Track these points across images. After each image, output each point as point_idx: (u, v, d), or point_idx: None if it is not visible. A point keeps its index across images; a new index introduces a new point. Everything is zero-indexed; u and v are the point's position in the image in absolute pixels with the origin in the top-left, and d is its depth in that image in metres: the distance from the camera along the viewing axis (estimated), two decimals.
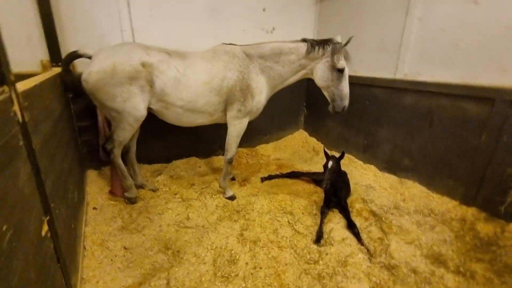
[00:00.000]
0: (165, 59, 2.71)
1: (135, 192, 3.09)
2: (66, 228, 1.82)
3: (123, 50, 2.62)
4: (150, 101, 2.75)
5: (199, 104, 2.88)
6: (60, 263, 1.53)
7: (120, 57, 2.54)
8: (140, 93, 2.62)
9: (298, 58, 3.00)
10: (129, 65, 2.52)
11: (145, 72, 2.58)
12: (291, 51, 2.98)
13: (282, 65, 3.02)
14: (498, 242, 2.44)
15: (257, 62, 3.00)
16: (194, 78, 2.79)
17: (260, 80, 3.02)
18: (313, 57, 2.98)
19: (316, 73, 3.03)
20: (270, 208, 3.02)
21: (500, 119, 2.57)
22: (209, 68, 2.86)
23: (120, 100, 2.57)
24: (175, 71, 2.72)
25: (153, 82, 2.65)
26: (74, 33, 3.16)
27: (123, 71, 2.50)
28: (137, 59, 2.57)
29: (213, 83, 2.85)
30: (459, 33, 2.86)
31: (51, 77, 2.27)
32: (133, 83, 2.55)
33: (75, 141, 3.05)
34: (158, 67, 2.65)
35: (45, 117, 1.76)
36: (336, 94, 3.04)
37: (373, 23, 3.83)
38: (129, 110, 2.62)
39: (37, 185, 1.34)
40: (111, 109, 2.62)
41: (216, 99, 2.92)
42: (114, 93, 2.53)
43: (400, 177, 3.62)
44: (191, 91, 2.79)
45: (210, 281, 2.09)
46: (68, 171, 2.23)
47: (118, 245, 2.39)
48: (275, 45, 3.02)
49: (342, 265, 2.24)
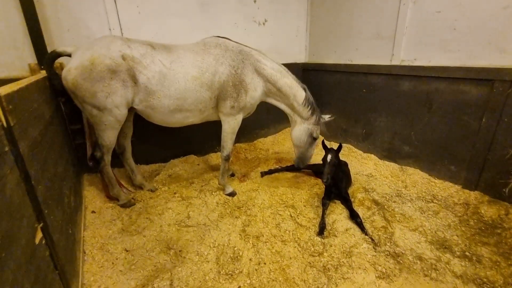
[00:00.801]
0: (148, 53, 2.54)
1: (126, 197, 3.00)
2: (63, 233, 1.77)
3: (102, 42, 2.43)
4: (134, 100, 2.57)
5: (189, 101, 2.73)
6: (58, 270, 1.49)
7: (99, 49, 2.36)
8: (122, 88, 2.44)
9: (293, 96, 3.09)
10: (108, 57, 2.35)
11: (126, 66, 2.41)
12: (291, 85, 3.06)
13: (279, 81, 3.02)
14: (503, 225, 2.42)
15: (254, 61, 2.90)
16: (183, 72, 2.63)
17: (255, 77, 2.93)
18: (301, 111, 3.15)
19: (294, 131, 3.29)
20: (272, 202, 2.99)
21: (500, 100, 2.54)
22: (198, 61, 2.71)
23: (101, 96, 2.38)
24: (160, 65, 2.55)
25: (136, 79, 2.47)
26: (61, 34, 3.07)
27: (102, 64, 2.32)
28: (117, 51, 2.40)
29: (203, 78, 2.70)
30: (455, 15, 2.80)
31: (39, 80, 2.19)
32: (114, 77, 2.38)
33: (69, 144, 2.98)
34: (141, 61, 2.48)
35: (33, 120, 1.70)
36: (304, 154, 3.38)
37: (367, 9, 3.76)
38: (111, 106, 2.45)
39: (27, 191, 1.29)
40: (92, 106, 2.43)
41: (207, 94, 2.77)
42: (94, 89, 2.35)
43: (400, 164, 3.59)
44: (180, 86, 2.63)
45: (214, 279, 2.06)
46: (62, 176, 2.17)
47: (119, 248, 2.35)
48: (277, 66, 3.05)
49: (347, 256, 2.21)
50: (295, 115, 3.24)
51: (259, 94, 3.02)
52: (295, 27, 4.84)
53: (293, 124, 3.31)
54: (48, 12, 2.96)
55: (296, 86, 3.08)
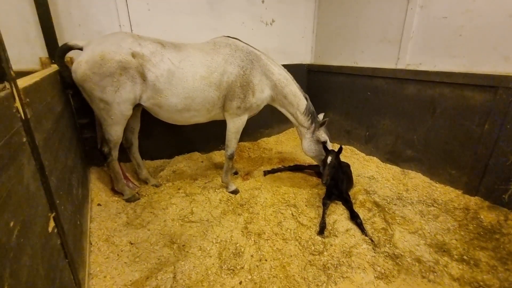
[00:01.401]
0: (158, 51, 2.56)
1: (130, 192, 3.05)
2: (72, 224, 1.83)
3: (113, 39, 2.48)
4: (141, 97, 2.61)
5: (197, 100, 2.74)
6: (68, 259, 1.54)
7: (110, 46, 2.41)
8: (131, 84, 2.48)
9: (296, 105, 3.13)
10: (118, 54, 2.39)
11: (135, 63, 2.45)
12: (295, 93, 3.08)
13: (284, 88, 3.06)
14: (502, 230, 2.45)
15: (263, 63, 2.93)
16: (192, 71, 2.65)
17: (263, 80, 2.96)
18: (303, 120, 3.20)
19: (304, 144, 3.34)
20: (274, 201, 3.03)
21: (503, 107, 2.56)
22: (208, 61, 2.72)
23: (110, 90, 2.43)
24: (169, 64, 2.57)
25: (145, 76, 2.51)
26: (72, 29, 3.12)
27: (112, 60, 2.37)
28: (127, 49, 2.44)
29: (212, 77, 2.72)
30: (462, 21, 2.83)
31: (51, 73, 2.25)
32: (123, 73, 2.42)
33: (77, 138, 3.04)
34: (150, 59, 2.51)
35: (46, 113, 1.75)
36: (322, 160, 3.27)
37: (374, 13, 3.78)
38: (119, 101, 2.49)
39: (42, 182, 1.34)
40: (100, 100, 2.48)
41: (215, 94, 2.79)
42: (103, 83, 2.40)
43: (402, 167, 3.62)
44: (188, 85, 2.65)
45: (216, 273, 2.11)
46: (71, 168, 2.23)
47: (123, 241, 2.41)
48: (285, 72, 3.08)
49: (347, 255, 2.25)
50: (299, 126, 3.29)
51: (265, 96, 3.05)
52: (302, 28, 4.87)
53: (301, 137, 3.37)
54: (60, 7, 3.01)
55: (300, 94, 3.12)
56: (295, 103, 3.12)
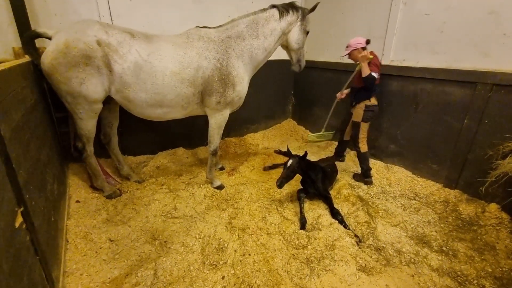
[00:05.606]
0: (126, 41, 2.39)
1: (111, 188, 2.96)
2: (45, 220, 1.74)
3: (80, 26, 2.33)
4: (110, 89, 2.46)
5: (168, 97, 2.58)
6: (39, 256, 1.47)
7: (74, 33, 2.26)
8: (97, 75, 2.33)
9: (279, 24, 2.88)
10: (82, 42, 2.23)
11: (101, 52, 2.29)
12: (268, 19, 2.85)
13: (263, 38, 2.86)
14: (479, 222, 2.53)
15: (236, 44, 2.76)
16: (161, 66, 2.47)
17: (241, 65, 2.81)
18: (290, 20, 2.94)
19: (292, 36, 3.04)
20: (259, 196, 3.01)
21: (481, 102, 2.63)
22: (180, 56, 2.55)
23: (75, 82, 2.28)
24: (136, 56, 2.40)
25: (111, 67, 2.35)
26: (48, 19, 2.98)
27: (76, 48, 2.21)
28: (92, 36, 2.28)
29: (184, 74, 2.56)
30: (444, 18, 2.87)
31: (22, 64, 2.13)
32: (88, 63, 2.27)
33: (53, 132, 2.91)
34: (117, 49, 2.34)
35: (15, 104, 1.66)
36: (302, 54, 3.22)
37: (360, 9, 3.80)
38: (85, 93, 2.34)
39: (7, 174, 1.27)
40: (66, 93, 2.34)
41: (189, 90, 2.64)
42: (68, 74, 2.25)
43: (386, 162, 3.68)
44: (157, 81, 2.48)
45: (199, 269, 2.07)
46: (45, 163, 2.13)
47: (103, 238, 2.33)
48: (248, 19, 2.82)
49: (330, 248, 2.26)
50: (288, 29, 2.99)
51: (247, 81, 2.94)
52: None
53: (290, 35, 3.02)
54: None
55: (271, 27, 2.86)
56: (274, 27, 2.87)
